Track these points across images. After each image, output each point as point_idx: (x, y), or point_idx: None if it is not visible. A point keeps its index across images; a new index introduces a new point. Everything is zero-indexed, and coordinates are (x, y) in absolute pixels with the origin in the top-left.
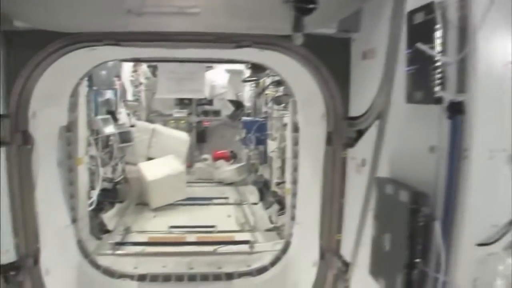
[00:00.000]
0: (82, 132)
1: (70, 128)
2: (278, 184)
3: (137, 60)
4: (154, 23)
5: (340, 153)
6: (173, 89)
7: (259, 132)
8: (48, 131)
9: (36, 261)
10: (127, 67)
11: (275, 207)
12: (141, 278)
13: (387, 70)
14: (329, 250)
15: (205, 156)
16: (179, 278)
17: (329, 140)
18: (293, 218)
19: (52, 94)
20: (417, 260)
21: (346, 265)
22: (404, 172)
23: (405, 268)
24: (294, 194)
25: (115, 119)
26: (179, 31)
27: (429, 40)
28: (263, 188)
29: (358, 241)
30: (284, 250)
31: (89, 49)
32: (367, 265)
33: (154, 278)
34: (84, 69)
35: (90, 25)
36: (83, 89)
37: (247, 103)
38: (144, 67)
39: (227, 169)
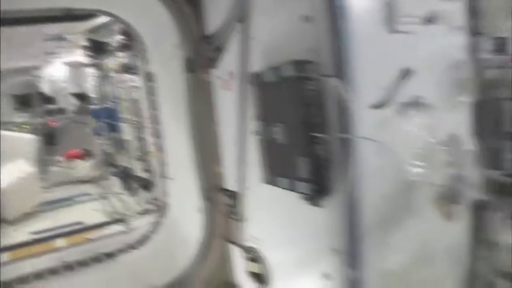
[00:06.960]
0: None
1: None
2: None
3: None
4: None
5: (204, 76)
6: None
7: (110, 118)
8: None
9: None
10: None
11: (142, 192)
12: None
13: None
14: (212, 188)
15: (59, 158)
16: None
17: (190, 67)
18: (164, 176)
19: None
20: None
21: (234, 197)
22: (278, 54)
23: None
24: (160, 149)
25: None
26: None
27: None
28: (125, 176)
29: (243, 163)
30: (163, 212)
31: None
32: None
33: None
34: None
35: None
36: None
37: (93, 94)
38: None
39: (82, 166)
